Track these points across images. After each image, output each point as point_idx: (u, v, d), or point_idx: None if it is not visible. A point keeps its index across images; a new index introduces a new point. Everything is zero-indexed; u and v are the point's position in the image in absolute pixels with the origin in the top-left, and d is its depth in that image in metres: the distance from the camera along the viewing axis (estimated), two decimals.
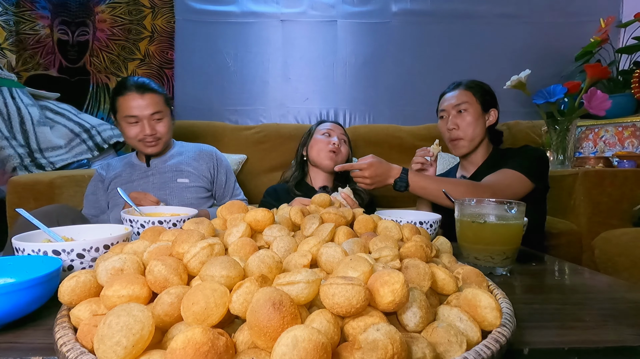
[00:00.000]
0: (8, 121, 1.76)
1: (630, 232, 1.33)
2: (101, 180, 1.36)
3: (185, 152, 1.42)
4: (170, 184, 1.33)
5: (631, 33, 2.03)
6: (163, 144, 1.33)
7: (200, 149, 1.46)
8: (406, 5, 2.31)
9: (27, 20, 2.17)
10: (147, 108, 1.25)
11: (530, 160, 1.13)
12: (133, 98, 1.25)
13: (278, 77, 2.32)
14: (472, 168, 1.28)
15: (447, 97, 1.27)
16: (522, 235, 0.75)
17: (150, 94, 1.27)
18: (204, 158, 1.43)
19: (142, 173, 1.34)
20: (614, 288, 0.66)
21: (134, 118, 1.26)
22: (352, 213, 0.70)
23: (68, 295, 0.42)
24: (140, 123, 1.26)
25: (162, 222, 0.79)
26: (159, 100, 1.29)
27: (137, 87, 1.26)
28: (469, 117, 1.21)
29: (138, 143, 1.29)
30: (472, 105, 1.21)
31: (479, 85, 1.25)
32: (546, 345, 0.43)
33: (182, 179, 1.35)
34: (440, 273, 0.46)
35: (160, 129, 1.29)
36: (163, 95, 1.32)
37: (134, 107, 1.25)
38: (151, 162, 1.36)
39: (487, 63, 2.26)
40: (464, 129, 1.21)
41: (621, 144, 1.89)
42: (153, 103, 1.27)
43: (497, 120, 1.26)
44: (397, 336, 0.30)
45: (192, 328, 0.30)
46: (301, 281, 0.36)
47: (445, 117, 1.26)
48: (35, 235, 0.65)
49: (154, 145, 1.30)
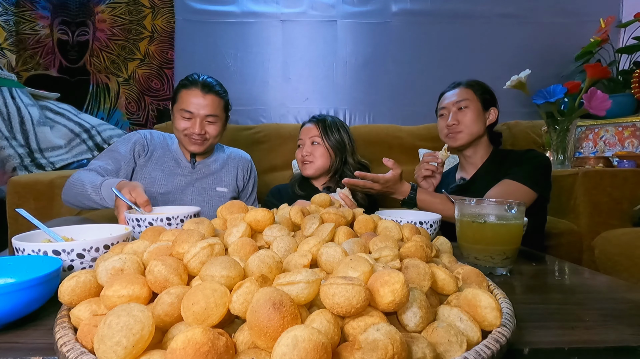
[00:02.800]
0: (8, 121, 1.76)
1: (630, 232, 1.32)
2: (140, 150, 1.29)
3: (226, 159, 1.41)
4: (210, 192, 1.32)
5: (631, 33, 2.04)
6: (208, 146, 1.31)
7: (239, 156, 1.45)
8: (406, 5, 2.31)
9: (27, 20, 2.17)
10: (204, 108, 1.24)
11: (535, 168, 1.11)
12: (195, 95, 1.24)
13: (278, 77, 2.32)
14: (472, 170, 1.28)
15: (447, 95, 1.27)
16: (522, 235, 0.75)
17: (212, 96, 1.26)
18: (241, 166, 1.42)
19: (186, 172, 1.32)
20: (614, 288, 0.66)
21: (188, 114, 1.24)
22: (352, 213, 0.70)
23: (68, 295, 0.42)
24: (192, 120, 1.25)
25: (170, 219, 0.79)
26: (219, 104, 1.28)
27: (203, 85, 1.25)
28: (470, 113, 1.21)
29: (184, 137, 1.27)
30: (473, 102, 1.22)
31: (479, 84, 1.26)
32: (546, 345, 0.43)
33: (221, 188, 1.34)
34: (440, 273, 0.46)
35: (210, 131, 1.27)
36: (224, 101, 1.31)
37: (193, 104, 1.23)
38: (197, 164, 1.35)
39: (487, 63, 2.26)
40: (464, 124, 1.21)
41: (621, 144, 1.89)
42: (212, 105, 1.25)
43: (497, 120, 1.26)
44: (397, 336, 0.30)
45: (192, 328, 0.30)
46: (301, 281, 0.36)
47: (445, 115, 1.25)
48: (35, 235, 0.65)
49: (199, 144, 1.28)
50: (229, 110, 1.37)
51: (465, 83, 1.26)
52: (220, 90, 1.30)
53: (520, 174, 1.09)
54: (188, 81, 1.27)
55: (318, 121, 1.44)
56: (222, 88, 1.32)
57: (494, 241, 0.72)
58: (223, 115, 1.31)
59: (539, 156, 1.17)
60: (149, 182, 1.27)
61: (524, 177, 1.08)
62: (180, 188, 1.30)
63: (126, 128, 2.26)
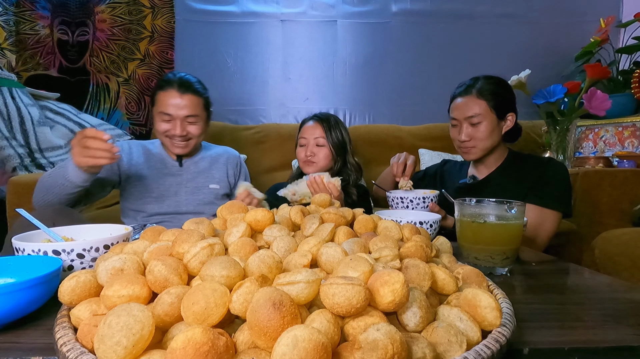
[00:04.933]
0: (8, 121, 1.76)
1: (630, 232, 1.32)
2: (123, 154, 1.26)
3: (215, 156, 1.39)
4: (204, 190, 1.31)
5: (631, 33, 2.04)
6: (192, 146, 1.28)
7: (228, 153, 1.43)
8: (406, 5, 2.31)
9: (27, 20, 2.17)
10: (183, 109, 1.21)
11: (564, 190, 1.09)
12: (172, 96, 1.20)
13: (278, 77, 2.32)
14: (485, 171, 1.22)
15: (458, 103, 1.16)
16: (522, 235, 0.75)
17: (190, 95, 1.22)
18: (231, 164, 1.41)
19: (174, 172, 1.30)
20: (614, 288, 0.66)
21: (167, 116, 1.22)
22: (352, 213, 0.70)
23: (68, 295, 0.42)
24: (172, 122, 1.22)
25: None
26: (198, 103, 1.24)
27: (179, 85, 1.21)
28: (484, 128, 1.12)
29: (165, 139, 1.25)
30: (487, 116, 1.12)
31: (493, 92, 1.13)
32: (546, 345, 0.43)
33: (213, 185, 1.32)
34: (440, 273, 0.46)
35: (192, 131, 1.25)
36: (204, 98, 1.28)
37: (171, 105, 1.20)
38: (183, 161, 1.32)
39: (487, 63, 2.26)
40: (477, 140, 1.14)
41: (621, 144, 1.89)
42: (191, 105, 1.22)
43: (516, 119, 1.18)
44: (397, 336, 0.30)
45: (192, 328, 0.30)
46: (301, 281, 0.36)
47: (457, 126, 1.17)
48: (35, 235, 0.65)
49: (183, 147, 1.26)
50: (210, 107, 1.34)
51: (478, 91, 1.13)
52: (199, 87, 1.27)
53: (552, 199, 1.07)
54: (164, 82, 1.24)
55: (322, 120, 1.43)
56: (201, 85, 1.29)
57: (493, 241, 0.72)
58: (204, 114, 1.28)
59: (562, 171, 1.12)
60: (140, 187, 1.25)
61: (556, 201, 1.07)
62: (173, 190, 1.27)
63: (126, 128, 2.26)
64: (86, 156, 0.94)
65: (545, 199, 1.07)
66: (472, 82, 1.17)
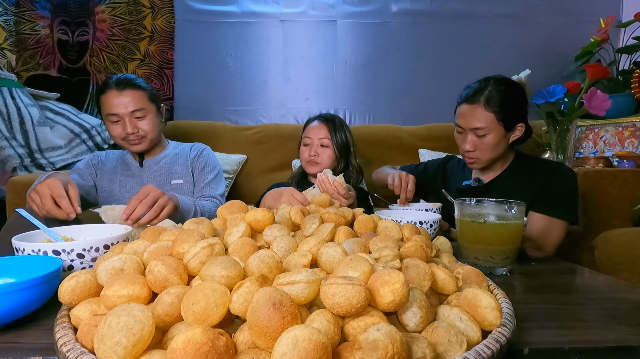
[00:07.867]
0: (8, 121, 1.76)
1: (630, 232, 1.32)
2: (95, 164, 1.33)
3: (178, 152, 1.39)
4: (165, 186, 1.30)
5: (631, 33, 2.03)
6: (149, 142, 1.28)
7: (191, 146, 1.42)
8: (406, 5, 2.31)
9: (27, 20, 2.17)
10: (127, 106, 1.20)
11: (574, 200, 1.07)
12: (112, 96, 1.20)
13: (278, 77, 2.32)
14: (491, 174, 1.19)
15: (464, 110, 1.10)
16: (522, 235, 0.75)
17: (130, 90, 1.21)
18: (193, 154, 1.39)
19: (136, 172, 1.32)
20: (614, 288, 0.66)
21: (115, 117, 1.21)
22: (352, 213, 0.70)
23: (68, 295, 0.42)
24: (122, 122, 1.22)
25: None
26: (141, 96, 1.23)
27: (117, 84, 1.21)
28: (490, 140, 1.08)
29: (123, 142, 1.26)
30: (493, 129, 1.06)
31: (502, 102, 1.05)
32: (546, 345, 0.43)
33: (176, 180, 1.32)
34: (440, 273, 0.46)
35: (143, 127, 1.24)
36: (147, 91, 1.26)
37: (114, 105, 1.20)
38: (144, 162, 1.33)
39: (487, 63, 2.25)
40: (482, 151, 1.10)
41: (621, 144, 1.89)
42: (133, 100, 1.21)
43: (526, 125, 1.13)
44: (397, 336, 0.30)
45: (192, 328, 0.30)
46: (301, 281, 0.36)
47: (463, 134, 1.13)
48: (35, 235, 0.65)
49: (138, 144, 1.26)
50: (159, 100, 1.33)
51: (486, 101, 1.05)
52: (139, 81, 1.26)
53: (561, 209, 1.05)
54: (103, 85, 1.25)
55: (327, 120, 1.43)
56: (142, 79, 1.28)
57: (493, 241, 0.72)
58: (151, 107, 1.27)
59: (572, 179, 1.09)
60: (106, 193, 1.29)
61: (566, 211, 1.05)
62: (134, 190, 1.26)
63: None
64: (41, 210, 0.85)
65: (554, 209, 1.05)
66: (481, 85, 1.09)
